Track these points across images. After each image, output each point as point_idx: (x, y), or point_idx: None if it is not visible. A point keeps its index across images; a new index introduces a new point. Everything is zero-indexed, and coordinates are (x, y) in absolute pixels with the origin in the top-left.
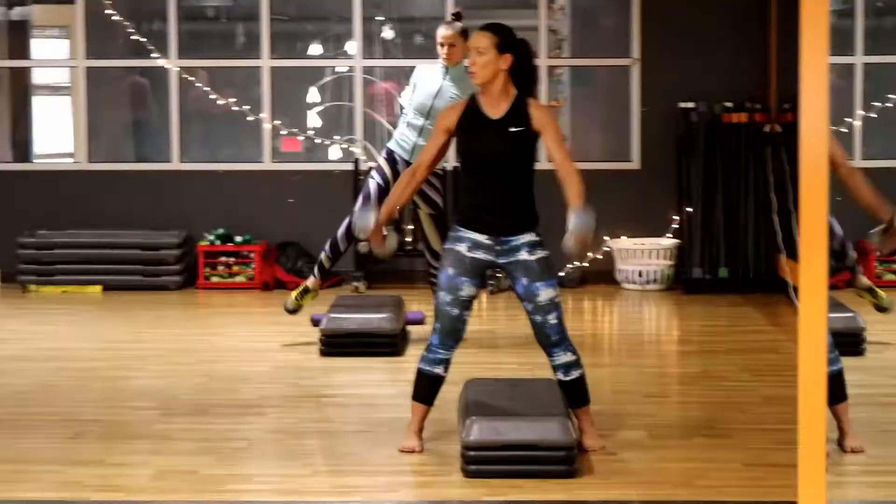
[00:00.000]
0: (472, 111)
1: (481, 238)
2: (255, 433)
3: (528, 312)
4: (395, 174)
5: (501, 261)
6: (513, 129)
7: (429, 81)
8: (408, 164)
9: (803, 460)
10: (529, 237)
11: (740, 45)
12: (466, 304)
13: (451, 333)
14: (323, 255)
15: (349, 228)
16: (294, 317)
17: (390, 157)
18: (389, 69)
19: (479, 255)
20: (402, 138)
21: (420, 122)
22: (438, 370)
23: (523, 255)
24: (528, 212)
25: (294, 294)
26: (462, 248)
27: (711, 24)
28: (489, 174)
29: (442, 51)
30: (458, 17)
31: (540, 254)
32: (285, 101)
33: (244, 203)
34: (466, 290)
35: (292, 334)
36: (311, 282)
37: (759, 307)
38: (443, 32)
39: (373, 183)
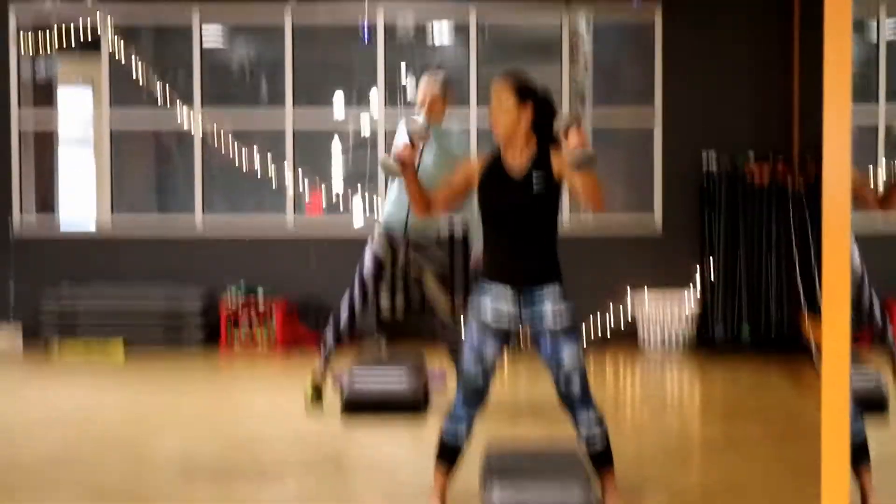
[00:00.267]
0: (494, 164)
1: (506, 290)
2: (276, 499)
3: (551, 370)
4: (392, 248)
5: (525, 315)
6: (536, 181)
7: None
8: (403, 236)
9: None
10: (553, 289)
11: (763, 99)
12: (491, 366)
13: (475, 395)
14: (329, 337)
15: (351, 309)
16: (314, 377)
17: (387, 232)
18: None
19: (504, 310)
20: (394, 213)
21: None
22: (462, 432)
23: (547, 312)
24: (552, 263)
25: (309, 392)
26: (487, 305)
27: (734, 76)
28: (513, 226)
29: (423, 108)
30: (434, 73)
31: (564, 310)
32: (309, 160)
33: (267, 262)
34: (491, 351)
35: (309, 383)
36: (317, 372)
37: (781, 367)
38: (423, 88)
39: (367, 262)
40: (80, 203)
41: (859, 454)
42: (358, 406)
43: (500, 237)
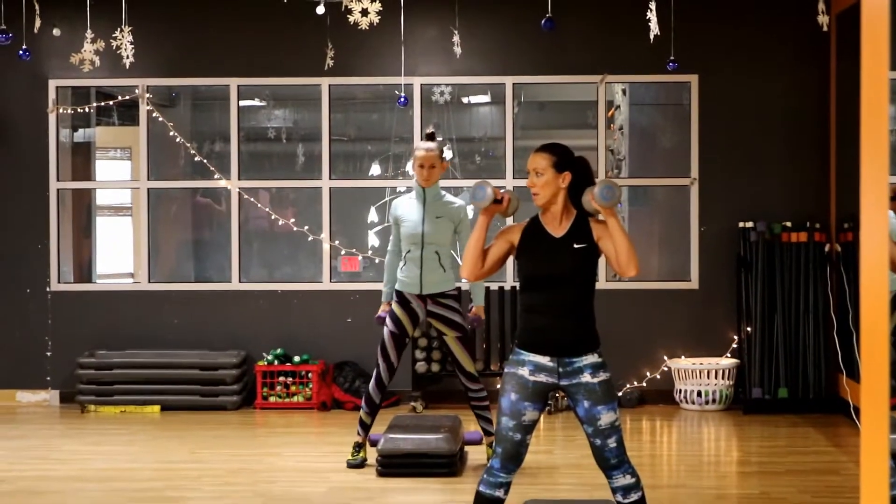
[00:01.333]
0: (533, 230)
1: (544, 360)
2: None
3: (588, 435)
4: (410, 314)
5: (563, 383)
6: (577, 246)
7: (411, 212)
8: (420, 298)
9: None
10: (592, 359)
11: (799, 163)
12: (529, 429)
13: (513, 458)
14: (362, 412)
15: (379, 380)
16: (352, 437)
17: (401, 299)
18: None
19: (542, 378)
20: (407, 275)
21: (417, 252)
22: (499, 493)
23: (586, 378)
24: (591, 331)
25: (351, 453)
26: (525, 371)
27: (770, 143)
28: (552, 293)
29: (422, 172)
30: (432, 136)
31: (602, 376)
32: (345, 220)
33: (302, 322)
34: (529, 414)
35: (350, 454)
36: (359, 439)
37: (819, 427)
38: (423, 154)
39: (386, 332)
40: (118, 270)
41: None
42: (393, 466)
43: (540, 303)
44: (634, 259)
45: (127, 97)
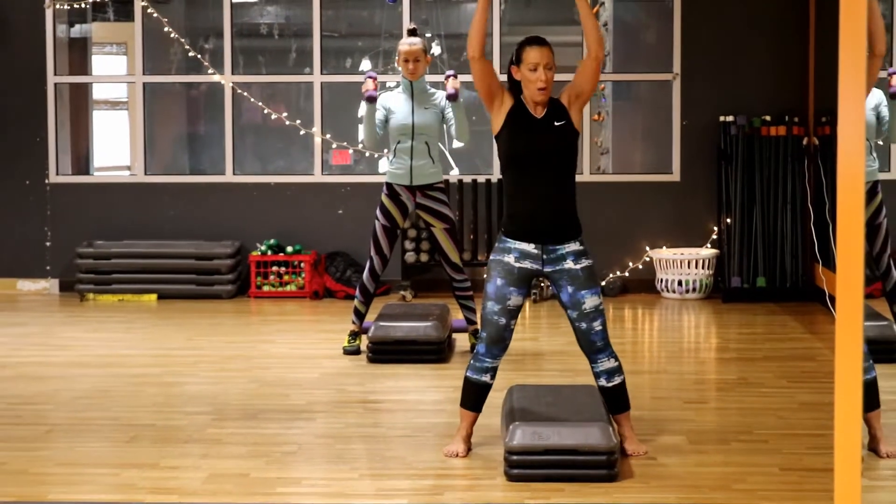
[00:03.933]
0: (519, 108)
1: (529, 247)
2: (303, 437)
3: (572, 320)
4: (400, 206)
5: (547, 269)
6: (557, 124)
7: (400, 104)
8: (409, 189)
9: (839, 465)
10: (575, 246)
11: (779, 59)
12: (514, 313)
13: (498, 342)
14: (356, 302)
15: (372, 271)
16: (343, 325)
17: (391, 192)
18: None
19: (527, 264)
20: (397, 167)
21: (408, 143)
22: (486, 378)
23: (569, 264)
24: (573, 219)
25: (346, 341)
26: (510, 258)
27: (751, 39)
28: (535, 175)
29: (407, 66)
30: (413, 32)
31: (585, 262)
32: (336, 115)
33: (295, 214)
34: (514, 299)
35: (341, 342)
36: (354, 327)
37: (795, 316)
38: (406, 49)
39: (378, 225)
40: (115, 163)
41: (870, 399)
42: (383, 352)
43: (525, 188)
44: (602, 39)
45: None
